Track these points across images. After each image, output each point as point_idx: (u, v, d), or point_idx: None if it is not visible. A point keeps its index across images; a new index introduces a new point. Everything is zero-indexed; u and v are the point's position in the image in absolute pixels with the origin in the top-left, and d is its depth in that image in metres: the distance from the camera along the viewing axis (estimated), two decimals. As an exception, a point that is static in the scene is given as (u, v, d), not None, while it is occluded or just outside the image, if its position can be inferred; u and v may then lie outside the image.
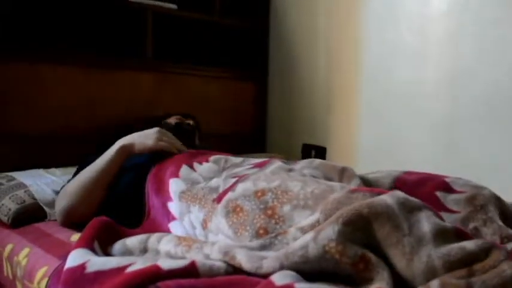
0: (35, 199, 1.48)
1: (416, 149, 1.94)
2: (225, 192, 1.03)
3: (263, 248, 0.83)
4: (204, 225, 1.02)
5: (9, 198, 1.48)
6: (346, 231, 0.72)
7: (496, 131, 1.70)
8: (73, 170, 1.61)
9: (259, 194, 0.95)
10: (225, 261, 0.81)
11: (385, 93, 2.05)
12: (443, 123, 1.85)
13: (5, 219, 1.44)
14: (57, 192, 1.52)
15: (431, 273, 0.68)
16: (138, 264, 0.84)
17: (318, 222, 0.82)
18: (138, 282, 0.78)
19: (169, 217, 1.13)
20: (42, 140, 1.81)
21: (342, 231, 0.72)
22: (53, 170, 1.71)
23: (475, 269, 0.66)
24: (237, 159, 1.28)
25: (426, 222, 0.74)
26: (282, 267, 0.74)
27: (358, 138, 2.18)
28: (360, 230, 0.74)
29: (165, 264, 0.81)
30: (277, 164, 1.18)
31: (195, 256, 0.85)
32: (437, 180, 1.05)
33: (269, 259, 0.77)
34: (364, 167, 1.48)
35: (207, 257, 0.84)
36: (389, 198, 0.76)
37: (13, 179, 1.59)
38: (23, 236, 1.35)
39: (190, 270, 0.80)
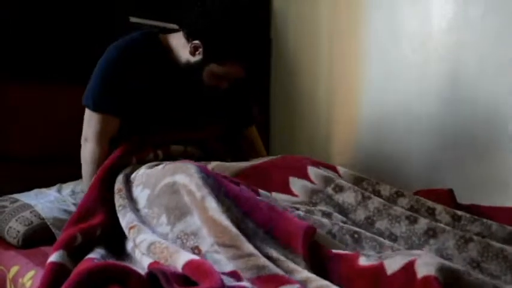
0: (42, 219, 1.48)
1: (418, 165, 1.95)
2: None
3: None
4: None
5: (16, 220, 1.48)
6: None
7: (496, 147, 1.72)
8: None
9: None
10: None
11: (386, 108, 2.06)
12: (445, 139, 1.86)
13: (14, 241, 1.45)
14: (64, 211, 1.54)
15: None
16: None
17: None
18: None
19: None
20: (41, 161, 1.80)
21: None
22: (53, 188, 1.71)
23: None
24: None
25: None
26: None
27: (359, 151, 2.20)
28: None
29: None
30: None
31: None
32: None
33: None
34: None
35: None
36: None
37: (16, 200, 1.58)
38: (30, 258, 1.36)
39: None
